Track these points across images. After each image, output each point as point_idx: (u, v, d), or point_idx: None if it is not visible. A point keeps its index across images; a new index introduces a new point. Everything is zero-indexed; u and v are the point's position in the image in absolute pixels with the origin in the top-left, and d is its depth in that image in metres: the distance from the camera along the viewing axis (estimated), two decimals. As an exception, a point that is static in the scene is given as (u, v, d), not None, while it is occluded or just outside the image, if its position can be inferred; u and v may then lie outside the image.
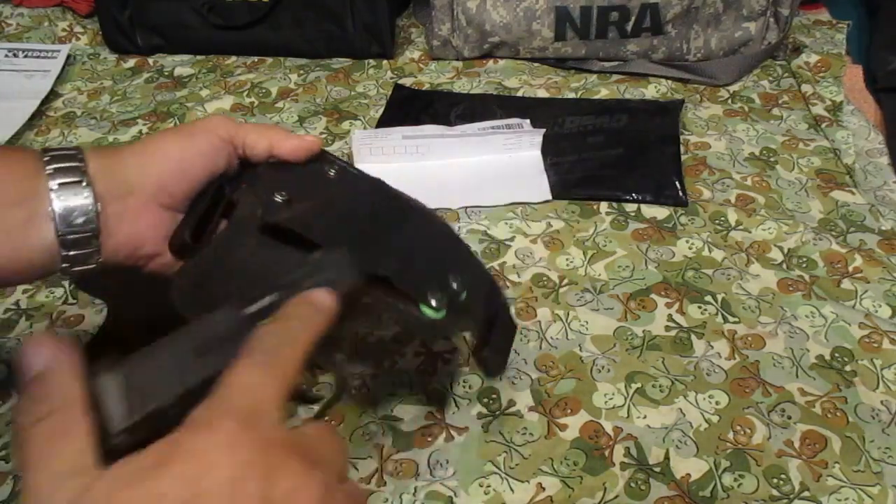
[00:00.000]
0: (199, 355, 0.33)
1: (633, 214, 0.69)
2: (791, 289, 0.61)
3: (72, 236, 0.40)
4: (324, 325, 0.36)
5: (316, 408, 0.43)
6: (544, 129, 0.75)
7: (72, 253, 0.41)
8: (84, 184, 0.40)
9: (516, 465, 0.49)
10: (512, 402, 0.53)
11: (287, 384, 0.32)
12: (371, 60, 0.94)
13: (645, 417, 0.52)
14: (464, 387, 0.54)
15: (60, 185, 0.40)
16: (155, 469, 0.27)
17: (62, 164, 0.40)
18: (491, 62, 0.92)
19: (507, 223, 0.68)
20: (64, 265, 0.41)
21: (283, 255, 0.41)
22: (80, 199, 0.40)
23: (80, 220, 0.40)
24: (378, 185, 0.48)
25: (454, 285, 0.43)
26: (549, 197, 0.70)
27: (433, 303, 0.42)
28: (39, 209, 0.40)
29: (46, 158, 0.40)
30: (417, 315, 0.42)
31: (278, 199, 0.44)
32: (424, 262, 0.44)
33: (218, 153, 0.44)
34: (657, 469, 0.49)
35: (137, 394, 0.31)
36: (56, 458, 0.28)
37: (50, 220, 0.40)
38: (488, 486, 0.48)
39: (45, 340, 0.32)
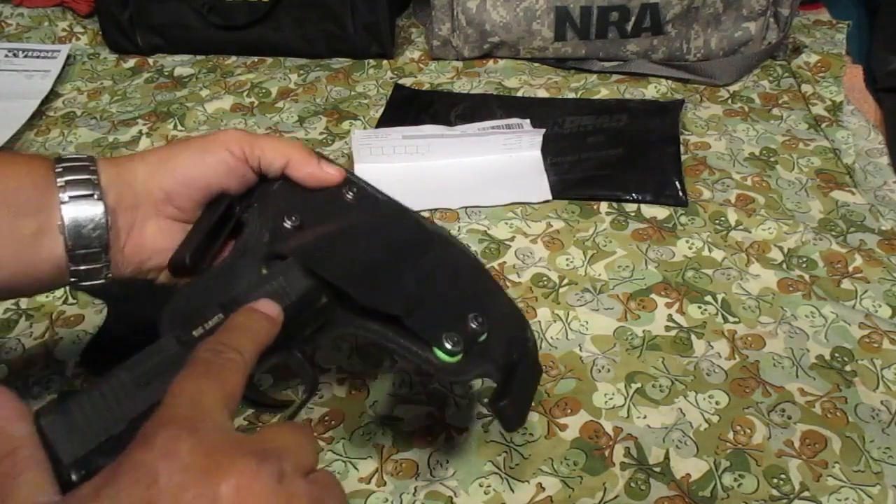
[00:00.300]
0: (140, 385, 0.34)
1: (633, 214, 0.69)
2: (791, 289, 0.61)
3: (81, 251, 0.39)
4: (267, 332, 0.36)
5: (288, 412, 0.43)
6: (544, 129, 0.75)
7: (81, 268, 0.40)
8: (96, 197, 0.40)
9: (516, 465, 0.49)
10: (512, 402, 0.53)
11: (229, 389, 0.32)
12: (371, 60, 0.94)
13: (645, 417, 0.52)
14: (463, 386, 0.54)
15: (72, 197, 0.39)
16: (104, 488, 0.28)
17: (74, 176, 0.40)
18: (491, 62, 0.92)
19: (507, 223, 0.68)
20: (72, 279, 0.40)
21: None
22: (91, 213, 0.39)
23: (90, 235, 0.39)
24: (399, 212, 0.46)
25: (473, 325, 0.41)
26: (549, 197, 0.70)
27: (448, 346, 0.40)
28: (49, 222, 0.39)
29: (59, 169, 0.40)
30: (430, 359, 0.40)
31: (288, 224, 0.43)
32: (442, 299, 0.42)
33: (230, 172, 0.43)
34: (657, 469, 0.49)
35: (83, 428, 0.32)
36: (13, 497, 0.28)
37: (59, 234, 0.39)
38: (488, 486, 0.48)
39: None
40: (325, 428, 0.52)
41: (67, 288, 0.63)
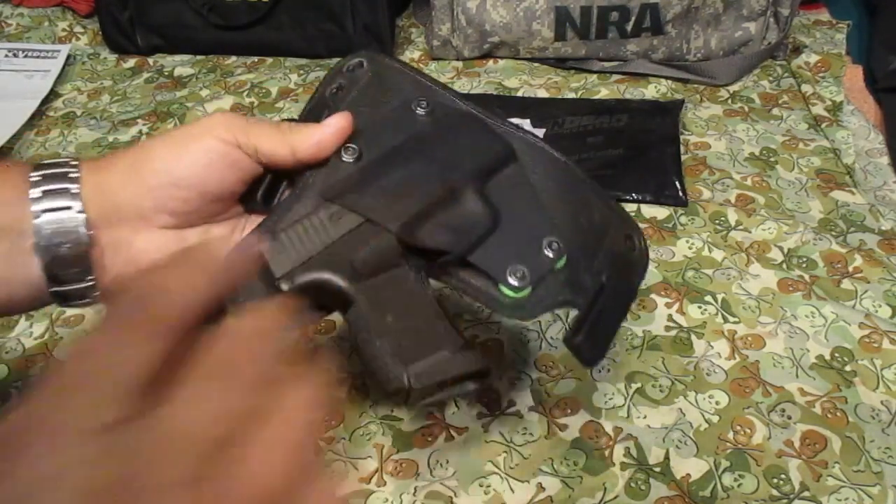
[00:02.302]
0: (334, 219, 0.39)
1: (633, 214, 0.68)
2: (791, 289, 0.61)
3: (61, 271, 0.35)
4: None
5: None
6: (544, 129, 0.75)
7: (62, 289, 0.36)
8: (75, 210, 0.35)
9: (516, 465, 0.49)
10: (512, 402, 0.53)
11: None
12: (371, 60, 0.94)
13: (645, 417, 0.52)
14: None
15: (46, 210, 0.35)
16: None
17: (51, 186, 0.35)
18: (491, 62, 0.92)
19: (507, 223, 0.68)
20: (56, 300, 0.36)
21: None
22: (68, 228, 0.35)
23: (69, 254, 0.35)
24: (475, 122, 0.42)
25: (547, 253, 0.38)
26: (549, 197, 0.70)
27: (512, 281, 0.37)
28: (22, 240, 0.35)
29: (35, 178, 0.35)
30: (495, 295, 0.38)
31: (346, 158, 0.40)
32: (513, 225, 0.39)
33: (220, 160, 0.38)
34: (657, 469, 0.49)
35: (290, 250, 0.37)
36: None
37: (33, 254, 0.35)
38: (488, 486, 0.48)
39: None
40: (325, 428, 0.52)
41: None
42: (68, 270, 0.35)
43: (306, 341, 0.57)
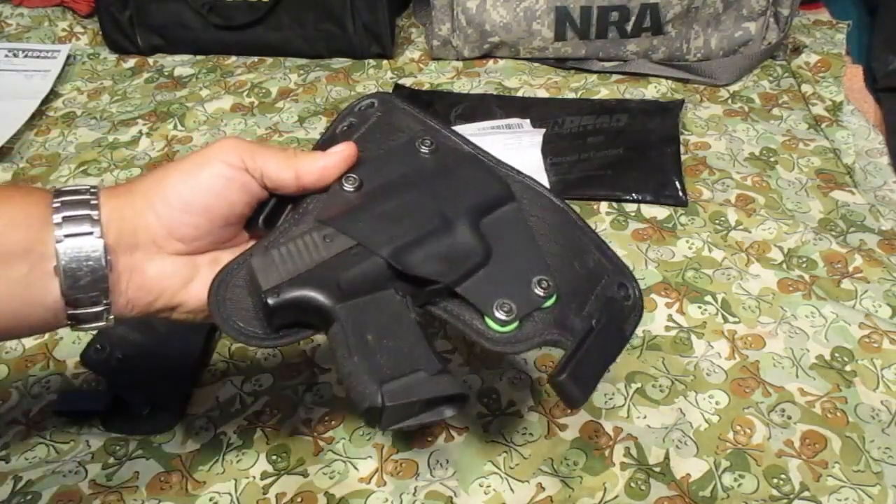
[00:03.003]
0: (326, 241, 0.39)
1: (633, 214, 0.69)
2: (791, 289, 0.61)
3: (79, 295, 0.36)
4: None
5: None
6: (544, 129, 0.75)
7: (79, 312, 0.37)
8: (95, 235, 0.36)
9: (516, 465, 0.49)
10: (512, 403, 0.53)
11: None
12: (371, 60, 0.94)
13: (645, 417, 0.52)
14: (463, 386, 0.54)
15: (68, 235, 0.36)
16: None
17: (73, 212, 0.36)
18: (491, 62, 0.92)
19: (507, 223, 0.68)
20: (70, 323, 0.37)
21: None
22: (89, 253, 0.36)
23: (88, 279, 0.36)
24: (475, 162, 0.43)
25: (537, 290, 0.39)
26: (549, 197, 0.70)
27: (498, 315, 0.38)
28: (43, 263, 0.35)
29: (56, 204, 0.36)
30: (480, 329, 0.38)
31: (347, 187, 0.41)
32: (504, 261, 0.39)
33: (229, 184, 0.39)
34: (657, 469, 0.49)
35: (279, 266, 0.38)
36: None
37: (54, 277, 0.36)
38: (488, 486, 0.48)
39: None
40: (325, 428, 0.52)
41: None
42: (86, 294, 0.36)
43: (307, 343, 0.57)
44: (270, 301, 0.37)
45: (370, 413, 0.36)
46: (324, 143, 0.45)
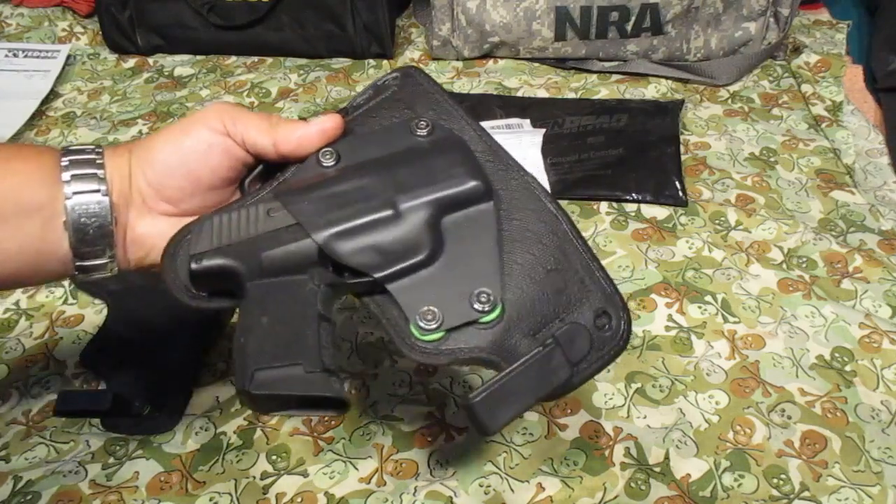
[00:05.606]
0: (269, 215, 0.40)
1: (633, 214, 0.69)
2: (791, 289, 0.61)
3: (86, 248, 0.39)
4: None
5: None
6: (544, 129, 0.75)
7: (86, 263, 0.39)
8: (102, 192, 0.39)
9: (516, 465, 0.49)
10: (512, 402, 0.53)
11: None
12: (371, 60, 0.94)
13: (645, 417, 0.52)
14: (464, 387, 0.54)
15: (76, 192, 0.38)
16: None
17: (81, 171, 0.39)
18: (491, 62, 0.92)
19: (507, 223, 0.68)
20: (77, 273, 0.40)
21: None
22: (95, 209, 0.39)
23: (95, 232, 0.39)
24: (464, 151, 0.41)
25: (474, 303, 0.36)
26: (549, 197, 0.70)
27: (421, 322, 0.36)
28: (54, 218, 0.38)
29: (65, 162, 0.39)
30: (404, 332, 0.36)
31: (324, 161, 0.41)
32: (452, 263, 0.37)
33: (212, 149, 0.40)
34: (657, 469, 0.49)
35: (213, 234, 0.39)
36: None
37: (64, 232, 0.39)
38: (488, 486, 0.48)
39: None
40: (325, 428, 0.52)
41: (67, 288, 0.63)
42: (93, 247, 0.39)
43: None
44: (193, 265, 0.38)
45: (240, 396, 0.36)
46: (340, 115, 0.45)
